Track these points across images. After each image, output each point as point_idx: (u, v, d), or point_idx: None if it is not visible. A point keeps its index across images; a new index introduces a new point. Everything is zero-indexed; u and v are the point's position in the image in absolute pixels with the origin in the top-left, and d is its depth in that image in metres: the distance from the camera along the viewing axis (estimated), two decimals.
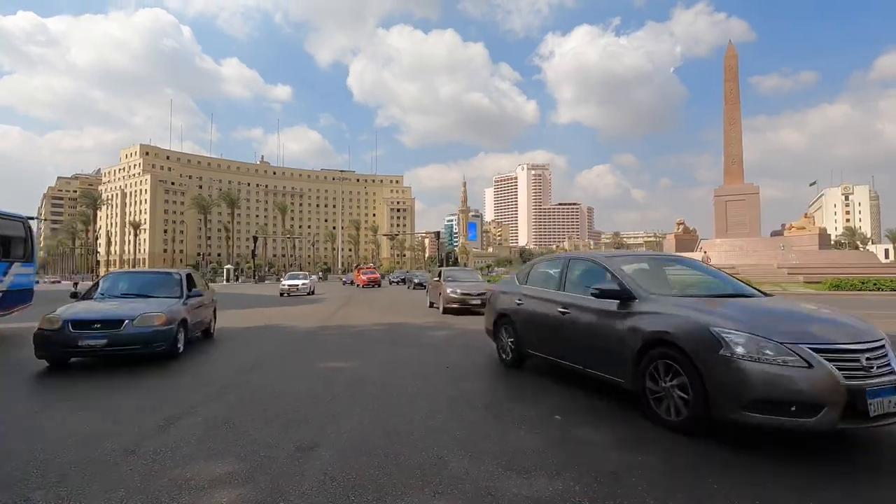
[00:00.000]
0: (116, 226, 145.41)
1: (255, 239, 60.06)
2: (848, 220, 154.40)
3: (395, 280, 50.90)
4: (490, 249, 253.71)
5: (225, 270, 56.40)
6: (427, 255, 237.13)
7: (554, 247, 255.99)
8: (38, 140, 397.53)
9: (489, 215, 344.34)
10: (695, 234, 51.07)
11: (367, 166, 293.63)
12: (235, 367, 6.86)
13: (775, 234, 52.26)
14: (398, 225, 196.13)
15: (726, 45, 52.63)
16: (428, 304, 18.21)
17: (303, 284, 26.66)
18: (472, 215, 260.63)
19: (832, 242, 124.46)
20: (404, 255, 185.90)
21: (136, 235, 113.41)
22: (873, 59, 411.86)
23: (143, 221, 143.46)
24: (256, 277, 57.01)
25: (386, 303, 20.98)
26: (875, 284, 23.74)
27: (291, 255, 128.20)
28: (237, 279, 57.24)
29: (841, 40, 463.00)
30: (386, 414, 4.48)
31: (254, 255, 60.67)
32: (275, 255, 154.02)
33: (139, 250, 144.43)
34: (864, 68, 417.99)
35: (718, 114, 50.70)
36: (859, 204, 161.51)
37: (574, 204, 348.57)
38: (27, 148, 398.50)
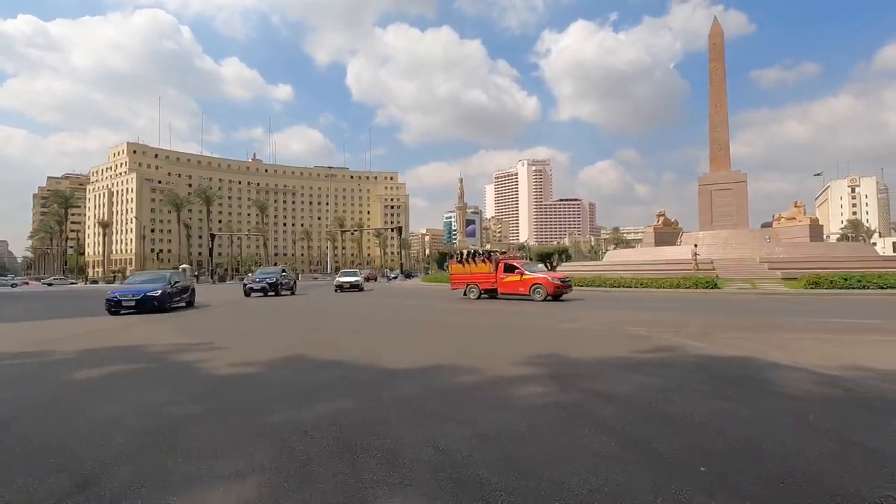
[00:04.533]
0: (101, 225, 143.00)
1: (213, 237, 56.53)
2: (855, 213, 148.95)
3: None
4: (488, 246, 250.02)
5: (181, 270, 52.51)
6: (427, 253, 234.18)
7: (555, 242, 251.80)
8: (43, 142, 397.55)
9: (490, 212, 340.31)
10: (676, 225, 47.12)
11: (366, 165, 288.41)
12: None
13: (766, 225, 48.19)
14: (393, 222, 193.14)
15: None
16: None
17: None
18: (472, 212, 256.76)
19: (836, 235, 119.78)
20: (399, 253, 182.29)
21: (104, 235, 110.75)
22: (876, 49, 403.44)
23: (129, 221, 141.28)
24: (215, 277, 53.47)
25: None
26: (860, 281, 19.80)
27: (271, 254, 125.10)
28: (196, 280, 53.67)
29: (842, 31, 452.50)
30: None
31: (211, 254, 57.10)
32: (270, 255, 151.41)
33: (125, 250, 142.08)
34: (866, 59, 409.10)
35: None
36: (866, 196, 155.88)
37: (575, 200, 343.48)
38: (33, 150, 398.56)
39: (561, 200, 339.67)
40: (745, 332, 9.21)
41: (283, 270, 28.17)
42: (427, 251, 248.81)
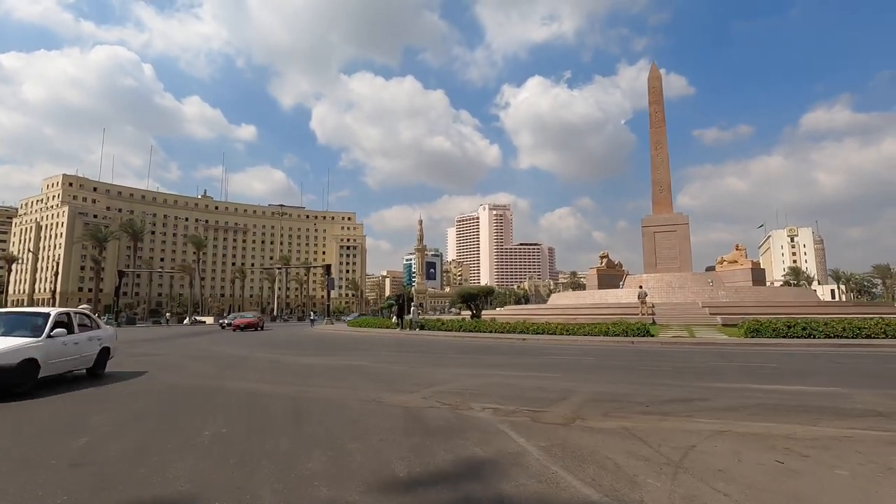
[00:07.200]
0: (28, 262, 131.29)
1: (122, 274, 50.19)
2: (794, 261, 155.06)
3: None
4: (448, 289, 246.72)
5: (82, 309, 45.76)
6: (386, 295, 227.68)
7: (515, 286, 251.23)
8: None
9: (451, 255, 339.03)
10: (620, 267, 45.05)
11: (329, 206, 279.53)
12: None
13: (710, 269, 46.88)
14: (349, 263, 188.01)
15: (652, 67, 48.94)
16: None
17: None
18: (432, 254, 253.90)
19: (779, 282, 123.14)
20: (354, 295, 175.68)
21: (10, 271, 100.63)
22: (800, 115, 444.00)
23: (57, 256, 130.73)
24: (119, 320, 46.82)
25: None
26: (804, 328, 17.16)
27: (206, 294, 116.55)
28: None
29: (769, 97, 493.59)
30: None
31: (117, 293, 50.35)
32: (216, 295, 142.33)
33: (48, 288, 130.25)
34: (793, 124, 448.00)
35: None
36: (804, 245, 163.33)
37: (535, 244, 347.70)
38: None
39: (521, 244, 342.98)
40: (637, 418, 5.73)
41: None
42: (386, 293, 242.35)
